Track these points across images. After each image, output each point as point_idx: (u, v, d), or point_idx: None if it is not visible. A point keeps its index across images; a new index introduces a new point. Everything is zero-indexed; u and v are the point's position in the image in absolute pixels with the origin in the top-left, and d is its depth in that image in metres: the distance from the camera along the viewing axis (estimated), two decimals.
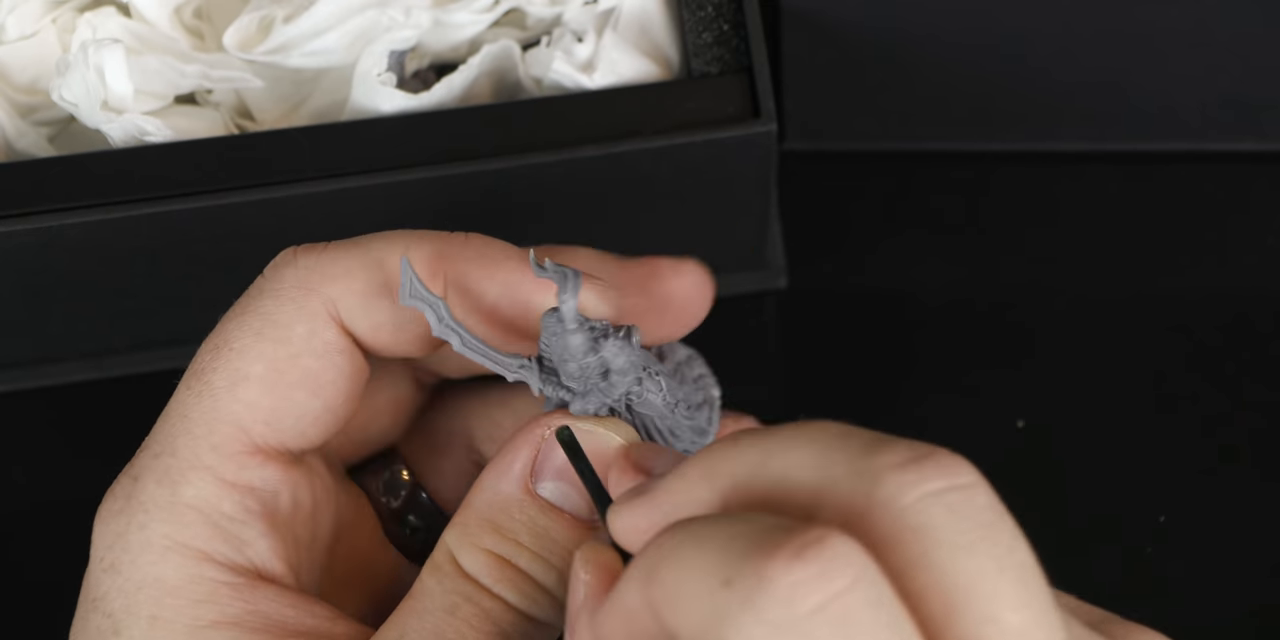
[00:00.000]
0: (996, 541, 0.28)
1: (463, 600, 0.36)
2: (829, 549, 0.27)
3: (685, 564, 0.28)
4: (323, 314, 0.37)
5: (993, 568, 0.28)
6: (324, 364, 0.37)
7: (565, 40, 0.48)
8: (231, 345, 0.37)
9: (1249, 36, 0.52)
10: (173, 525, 0.36)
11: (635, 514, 0.32)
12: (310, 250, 0.38)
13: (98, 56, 0.45)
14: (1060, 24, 0.52)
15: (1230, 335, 0.56)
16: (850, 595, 0.27)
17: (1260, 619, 0.52)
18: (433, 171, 0.45)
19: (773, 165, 0.48)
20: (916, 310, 0.56)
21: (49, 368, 0.55)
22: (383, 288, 0.37)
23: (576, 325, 0.36)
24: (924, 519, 0.28)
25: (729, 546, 0.28)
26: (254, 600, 0.36)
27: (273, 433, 0.37)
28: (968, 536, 0.28)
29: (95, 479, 0.38)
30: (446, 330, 0.37)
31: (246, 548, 0.37)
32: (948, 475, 0.28)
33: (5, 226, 0.44)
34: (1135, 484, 0.54)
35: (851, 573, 0.27)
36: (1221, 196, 0.57)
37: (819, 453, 0.29)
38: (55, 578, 0.54)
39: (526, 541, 0.36)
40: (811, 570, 0.27)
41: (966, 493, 0.28)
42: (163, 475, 0.37)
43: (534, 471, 0.37)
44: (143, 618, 0.36)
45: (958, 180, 0.58)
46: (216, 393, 0.37)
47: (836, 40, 0.52)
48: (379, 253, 0.38)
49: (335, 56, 0.47)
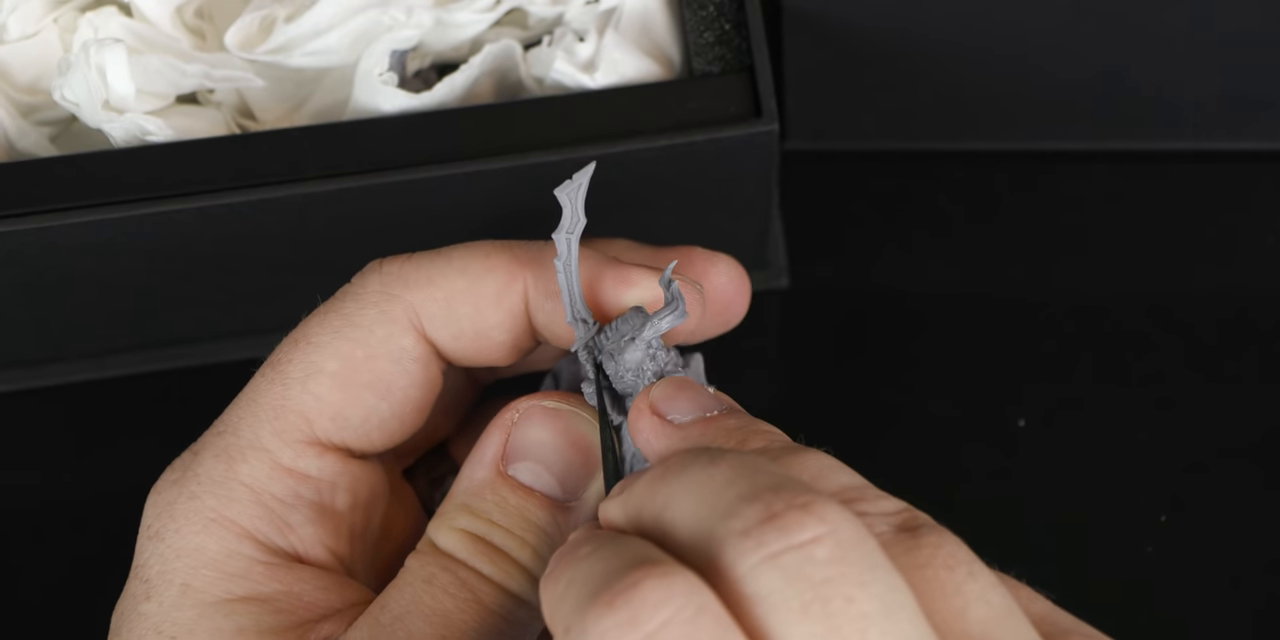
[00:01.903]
0: (830, 599, 0.28)
1: (439, 570, 0.37)
2: (640, 593, 0.28)
3: (555, 599, 0.30)
4: (403, 320, 0.38)
5: (822, 628, 0.28)
6: (398, 369, 0.38)
7: (567, 40, 0.48)
8: (310, 340, 0.38)
9: (1249, 36, 0.52)
10: (221, 500, 0.37)
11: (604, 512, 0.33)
12: (395, 259, 0.39)
13: (99, 56, 0.45)
14: (1060, 23, 0.52)
15: (1230, 335, 0.56)
16: (661, 635, 0.28)
17: (1260, 619, 0.52)
18: (433, 171, 0.45)
19: (774, 165, 0.48)
20: (917, 310, 0.56)
21: (50, 367, 0.55)
22: (465, 294, 0.38)
23: (645, 345, 0.37)
24: (758, 587, 0.29)
25: (578, 590, 0.29)
26: (287, 581, 0.37)
27: (336, 430, 0.38)
28: (800, 598, 0.28)
29: (97, 478, 0.39)
30: (563, 239, 0.38)
31: (290, 532, 0.37)
32: (786, 535, 0.29)
33: (6, 226, 0.44)
34: (1135, 484, 0.54)
35: (662, 614, 0.28)
36: (1222, 196, 0.57)
37: (697, 505, 0.30)
38: (58, 577, 0.54)
39: (498, 519, 0.37)
40: (620, 617, 0.28)
41: (804, 551, 0.29)
42: (221, 451, 0.38)
43: (505, 455, 0.37)
44: (175, 585, 0.37)
45: (958, 180, 0.58)
46: (289, 382, 0.38)
47: (837, 40, 0.52)
48: (461, 261, 0.39)
49: (337, 56, 0.47)
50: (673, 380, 0.36)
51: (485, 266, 0.39)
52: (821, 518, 0.29)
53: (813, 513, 0.29)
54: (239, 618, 0.36)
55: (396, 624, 0.36)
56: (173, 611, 0.36)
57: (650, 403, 0.36)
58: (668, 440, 0.35)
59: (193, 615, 0.36)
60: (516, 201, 0.47)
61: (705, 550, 0.29)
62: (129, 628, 0.37)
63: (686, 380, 0.36)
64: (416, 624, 0.36)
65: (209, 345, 0.55)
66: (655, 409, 0.36)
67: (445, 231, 0.50)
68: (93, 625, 0.41)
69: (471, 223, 0.49)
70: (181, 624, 0.36)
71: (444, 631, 0.36)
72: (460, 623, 0.36)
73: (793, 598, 0.28)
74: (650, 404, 0.36)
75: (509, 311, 0.39)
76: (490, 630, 0.36)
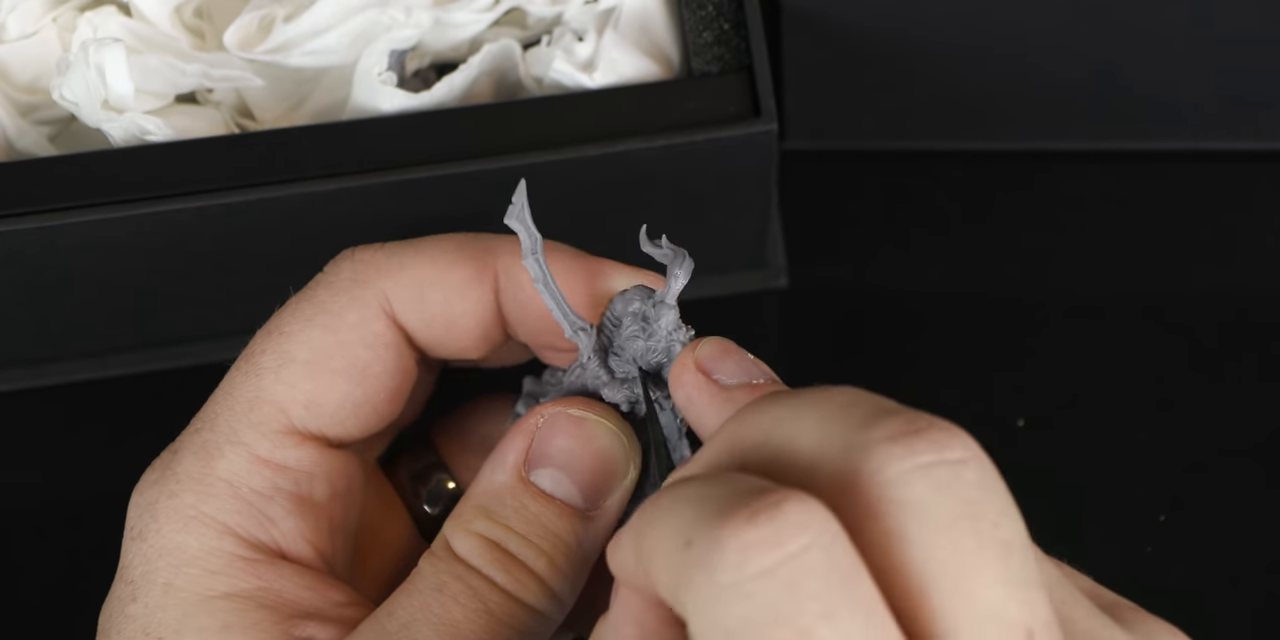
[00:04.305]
0: (979, 517, 0.28)
1: (451, 579, 0.36)
2: (783, 513, 0.27)
3: (661, 523, 0.29)
4: (374, 306, 0.38)
5: (971, 544, 0.28)
6: (370, 355, 0.38)
7: (566, 39, 0.48)
8: (283, 329, 0.38)
9: (1247, 36, 0.52)
10: (201, 496, 0.37)
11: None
12: (368, 248, 0.39)
13: (98, 56, 0.45)
14: (1059, 23, 0.52)
15: (1230, 335, 0.56)
16: (801, 559, 0.27)
17: (1260, 619, 0.52)
18: (433, 171, 0.45)
19: (773, 164, 0.48)
20: (916, 310, 0.56)
21: (50, 367, 0.55)
22: (435, 281, 0.38)
23: (673, 308, 0.37)
24: (905, 493, 0.28)
25: (699, 508, 0.28)
26: (268, 578, 0.37)
27: (311, 417, 0.38)
28: (948, 512, 0.28)
29: (97, 478, 0.39)
30: (532, 262, 0.38)
31: (271, 526, 0.37)
32: (937, 449, 0.28)
33: (6, 226, 0.44)
34: (1135, 484, 0.54)
35: (804, 537, 0.27)
36: (1221, 196, 0.57)
37: (820, 420, 0.29)
38: (58, 576, 0.54)
39: (517, 526, 0.37)
40: (763, 533, 0.27)
41: (954, 468, 0.28)
42: (199, 448, 0.38)
43: (528, 460, 0.37)
44: (158, 585, 0.37)
45: (958, 180, 0.58)
46: (263, 372, 0.38)
47: (837, 40, 0.52)
48: (432, 250, 0.39)
49: (336, 56, 0.47)
50: (717, 341, 0.36)
51: (456, 256, 0.39)
52: (965, 443, 0.29)
53: (956, 436, 0.29)
54: (223, 615, 0.36)
55: (402, 632, 0.36)
56: (158, 612, 0.36)
57: (696, 360, 0.35)
58: (711, 398, 0.35)
59: (177, 615, 0.36)
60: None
61: (840, 463, 0.28)
62: (118, 630, 0.37)
63: (731, 343, 0.36)
64: (423, 632, 0.36)
65: (209, 344, 0.55)
66: (701, 366, 0.35)
67: (444, 231, 0.50)
68: (92, 625, 0.41)
69: (471, 222, 0.49)
70: (167, 624, 0.36)
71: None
72: (469, 633, 0.36)
73: (942, 510, 0.28)
74: (696, 361, 0.35)
75: (478, 301, 0.39)
76: (502, 639, 0.36)
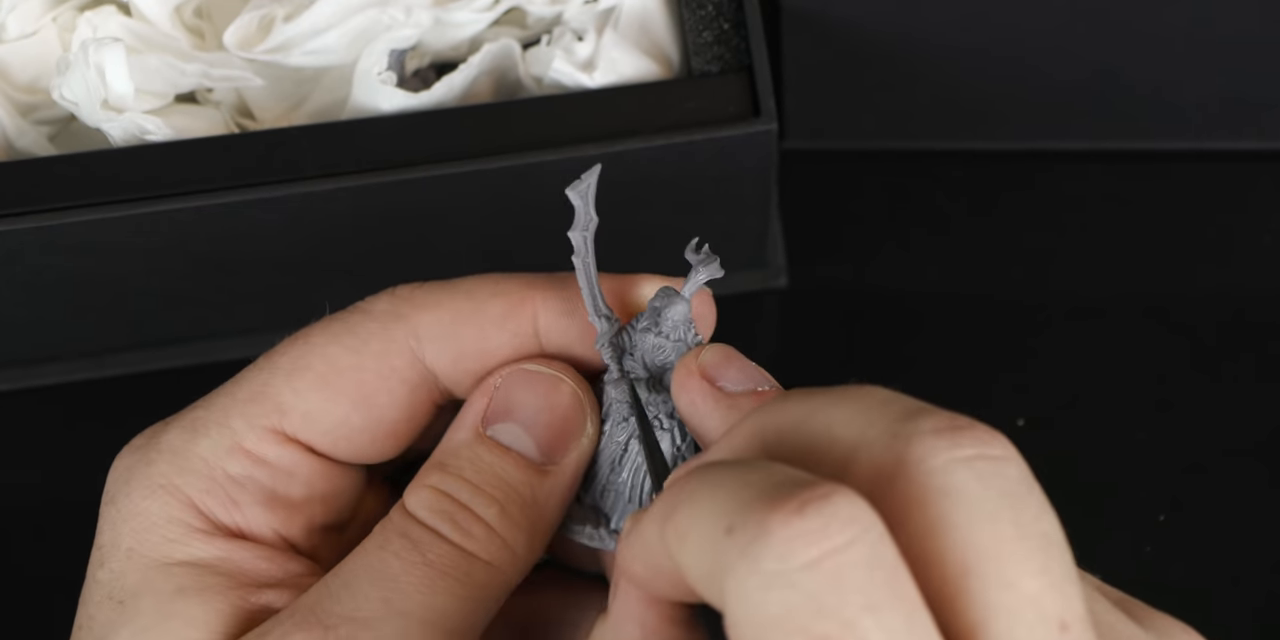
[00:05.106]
0: (1021, 509, 0.28)
1: (396, 535, 0.36)
2: (831, 505, 0.27)
3: (697, 506, 0.28)
4: (401, 341, 0.38)
5: (1013, 534, 0.28)
6: (382, 386, 0.38)
7: (565, 39, 0.48)
8: (309, 339, 0.38)
9: (1249, 36, 0.52)
10: (175, 468, 0.37)
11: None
12: (407, 285, 0.39)
13: (98, 55, 0.45)
14: (1059, 23, 0.52)
15: (1230, 334, 0.56)
16: (847, 553, 0.27)
17: (1260, 618, 0.52)
18: (433, 171, 0.45)
19: (773, 164, 0.48)
20: (917, 310, 0.56)
21: (49, 366, 0.55)
22: (470, 315, 0.38)
23: (688, 304, 0.37)
24: (949, 481, 0.28)
25: (739, 494, 0.28)
26: (226, 550, 0.37)
27: (305, 427, 0.38)
28: (992, 502, 0.28)
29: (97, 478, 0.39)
30: (578, 236, 0.38)
31: (235, 510, 0.37)
32: (981, 445, 0.28)
33: (6, 226, 0.44)
34: (1135, 483, 0.54)
35: (851, 531, 0.27)
36: (1223, 196, 0.57)
37: (860, 412, 0.29)
38: (58, 576, 0.54)
39: (469, 476, 0.37)
40: (811, 525, 0.27)
41: (997, 463, 0.28)
42: (189, 424, 0.38)
43: (486, 417, 0.37)
44: (122, 550, 0.37)
45: (958, 180, 0.58)
46: (275, 372, 0.38)
47: (836, 40, 0.52)
48: (469, 286, 0.39)
49: (335, 55, 0.47)
50: (720, 347, 0.36)
51: (492, 291, 0.39)
52: (1005, 444, 0.29)
53: (997, 436, 0.29)
54: (178, 579, 0.36)
55: (344, 590, 0.36)
56: (120, 577, 0.37)
57: (700, 366, 0.35)
58: (715, 406, 0.35)
59: (136, 579, 0.36)
60: (515, 201, 0.47)
61: (882, 452, 0.28)
62: (87, 597, 0.37)
63: (734, 350, 0.36)
64: (362, 588, 0.36)
65: (207, 344, 0.55)
66: (705, 373, 0.35)
67: (444, 231, 0.50)
68: None
69: (470, 222, 0.49)
70: (127, 589, 0.36)
71: (388, 594, 0.35)
72: (406, 585, 0.36)
73: (985, 499, 0.28)
74: (700, 367, 0.35)
75: (514, 332, 0.39)
76: (443, 590, 0.36)
